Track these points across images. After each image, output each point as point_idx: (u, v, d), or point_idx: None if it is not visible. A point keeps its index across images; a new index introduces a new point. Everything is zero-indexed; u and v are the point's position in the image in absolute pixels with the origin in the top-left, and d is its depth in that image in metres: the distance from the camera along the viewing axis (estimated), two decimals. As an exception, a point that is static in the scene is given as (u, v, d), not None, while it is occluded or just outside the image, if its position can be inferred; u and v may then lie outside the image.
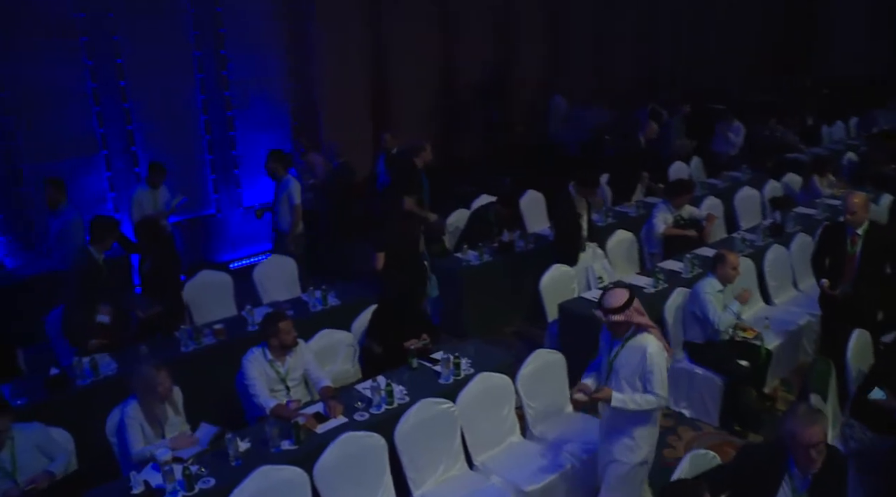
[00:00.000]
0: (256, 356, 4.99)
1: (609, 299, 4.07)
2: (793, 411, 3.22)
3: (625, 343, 4.12)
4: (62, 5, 7.64)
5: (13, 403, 4.98)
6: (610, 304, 4.04)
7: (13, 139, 7.59)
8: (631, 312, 4.05)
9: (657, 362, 4.04)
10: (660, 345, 4.11)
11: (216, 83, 8.84)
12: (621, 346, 4.13)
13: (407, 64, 10.28)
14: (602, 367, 4.28)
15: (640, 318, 4.10)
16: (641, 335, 4.09)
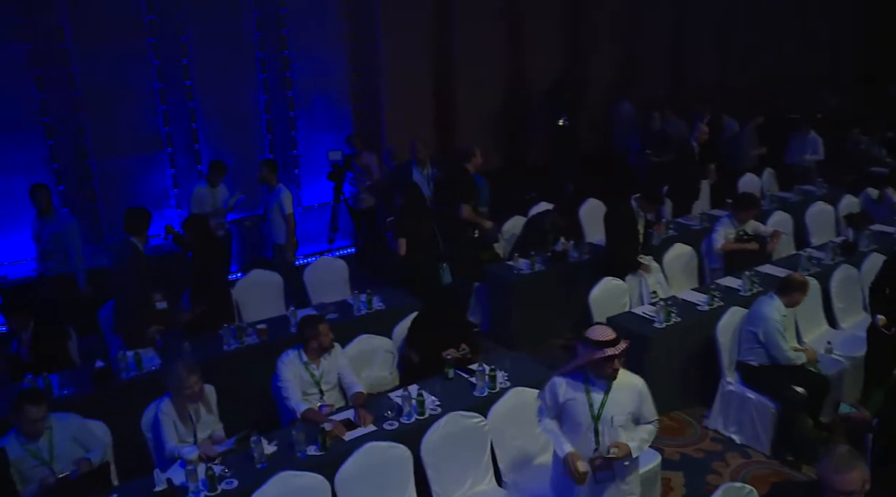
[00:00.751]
0: (292, 359, 5.00)
1: (597, 332, 3.70)
2: (830, 453, 2.98)
3: (609, 387, 3.75)
4: (134, 7, 7.89)
5: (60, 394, 5.16)
6: (604, 337, 3.66)
7: (83, 136, 7.86)
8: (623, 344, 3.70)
9: (648, 391, 3.86)
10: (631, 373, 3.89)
11: (279, 84, 8.96)
12: (606, 394, 3.76)
13: (472, 66, 10.17)
14: (579, 428, 3.79)
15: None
16: (622, 373, 3.77)
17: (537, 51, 10.75)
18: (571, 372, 3.81)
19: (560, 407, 3.84)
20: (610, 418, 3.79)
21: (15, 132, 7.51)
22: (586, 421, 3.78)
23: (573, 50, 11.20)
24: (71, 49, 7.62)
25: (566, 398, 3.81)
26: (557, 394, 3.83)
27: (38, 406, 4.19)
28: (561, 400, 3.82)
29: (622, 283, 6.55)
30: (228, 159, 8.66)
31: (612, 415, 3.78)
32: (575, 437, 3.81)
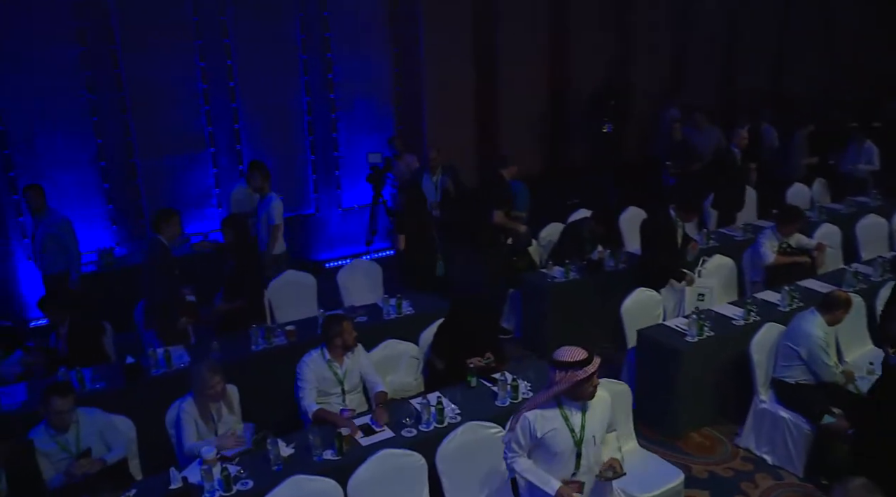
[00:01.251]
0: (314, 358, 5.03)
1: (567, 354, 3.57)
2: (844, 484, 2.84)
3: (584, 406, 3.65)
4: (180, 9, 8.04)
5: (92, 387, 5.28)
6: (578, 357, 3.54)
7: (129, 135, 8.05)
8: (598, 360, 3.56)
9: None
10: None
11: (321, 85, 9.03)
12: (584, 414, 3.65)
13: (516, 69, 10.11)
14: (559, 456, 3.65)
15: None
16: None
17: (583, 54, 10.62)
18: (544, 402, 3.66)
19: (537, 442, 3.67)
20: (592, 438, 3.69)
21: (65, 131, 7.74)
22: (568, 448, 3.65)
23: (620, 54, 11.03)
24: (120, 51, 7.81)
25: (545, 431, 3.64)
26: (534, 430, 3.65)
27: (65, 398, 4.29)
28: (539, 435, 3.64)
29: (655, 295, 6.40)
30: (270, 159, 8.78)
31: (594, 434, 3.69)
32: (554, 466, 3.68)
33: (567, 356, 3.54)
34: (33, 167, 7.67)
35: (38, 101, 7.52)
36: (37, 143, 7.63)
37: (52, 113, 7.61)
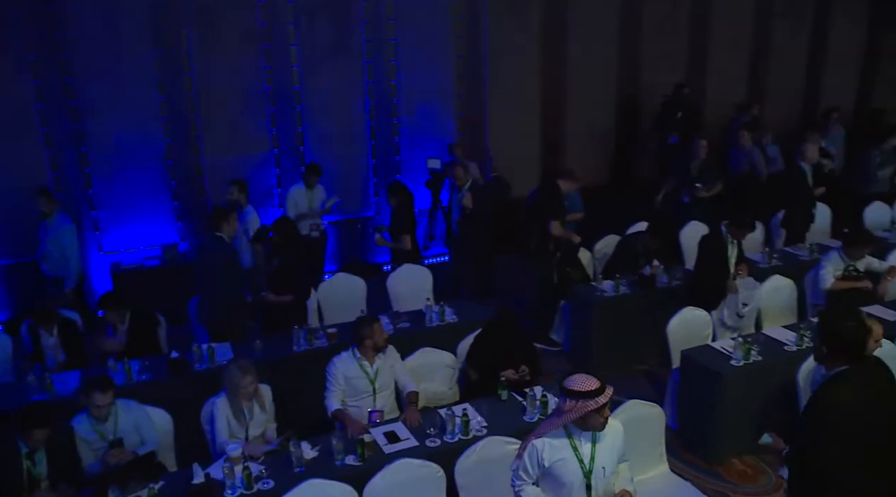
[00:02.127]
0: (344, 359, 5.11)
1: (579, 382, 3.43)
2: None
3: (594, 436, 3.54)
4: (250, 15, 8.28)
5: (139, 379, 5.50)
6: (590, 386, 3.40)
7: (196, 135, 8.34)
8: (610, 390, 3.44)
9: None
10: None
11: (385, 90, 9.14)
12: (594, 444, 3.53)
13: (585, 78, 9.99)
14: (569, 487, 3.53)
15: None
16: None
17: (654, 62, 10.39)
18: (553, 430, 3.55)
19: (545, 471, 3.56)
20: (602, 469, 3.56)
21: (137, 130, 8.08)
22: (577, 479, 3.52)
23: (696, 65, 10.74)
24: (191, 54, 8.10)
25: (553, 461, 3.53)
26: (541, 459, 3.54)
27: (105, 393, 4.49)
28: (547, 464, 3.53)
29: (704, 315, 6.19)
30: (331, 162, 8.99)
31: (604, 465, 3.56)
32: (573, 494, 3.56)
33: (579, 385, 3.42)
34: (107, 164, 8.05)
35: (113, 100, 7.89)
36: (111, 141, 8.00)
37: (125, 112, 7.96)
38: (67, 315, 6.18)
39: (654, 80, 10.18)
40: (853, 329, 3.35)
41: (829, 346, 3.38)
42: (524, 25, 9.52)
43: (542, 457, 3.54)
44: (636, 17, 10.21)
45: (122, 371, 5.47)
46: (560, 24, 9.76)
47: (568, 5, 9.72)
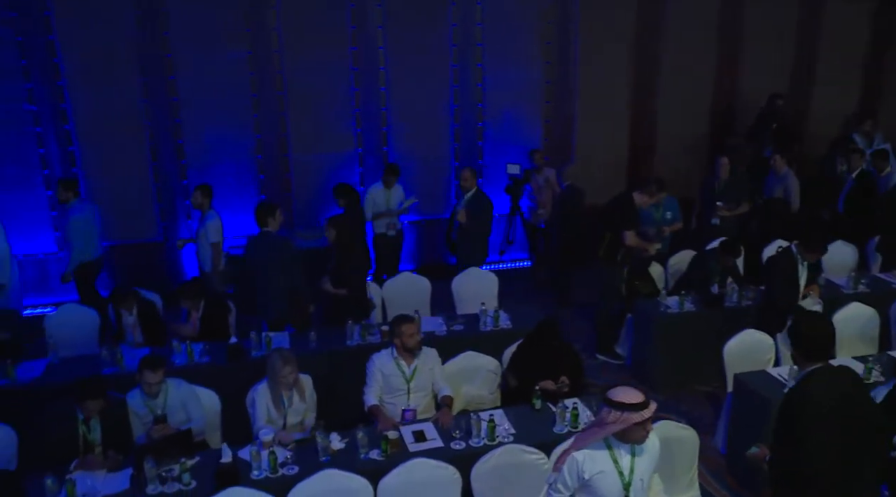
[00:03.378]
0: (382, 356, 5.24)
1: (624, 394, 3.38)
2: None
3: (633, 449, 3.49)
4: (339, 18, 8.59)
5: (200, 361, 5.86)
6: (636, 400, 3.35)
7: (284, 132, 8.74)
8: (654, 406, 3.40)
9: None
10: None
11: (470, 94, 9.23)
12: (633, 457, 3.49)
13: (678, 85, 9.70)
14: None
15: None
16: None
17: (757, 72, 9.94)
18: (594, 442, 3.50)
19: (584, 483, 3.50)
20: (640, 482, 3.52)
21: (230, 126, 8.55)
22: (616, 491, 3.48)
23: (800, 74, 10.21)
24: (282, 55, 8.49)
25: (593, 473, 3.47)
26: (582, 471, 3.48)
27: (155, 372, 4.82)
28: (587, 476, 3.47)
29: (766, 339, 5.90)
30: (414, 163, 9.18)
31: (642, 478, 3.52)
32: None
33: (624, 397, 3.36)
34: (201, 156, 8.57)
35: (208, 97, 8.38)
36: (205, 134, 8.51)
37: (219, 108, 8.45)
38: (147, 297, 6.62)
39: (754, 89, 9.74)
40: (821, 330, 3.56)
41: (798, 347, 3.56)
42: (616, 31, 9.37)
43: (582, 469, 3.49)
44: (738, 22, 9.81)
45: (185, 353, 5.85)
46: (654, 30, 9.53)
47: (663, 10, 9.47)
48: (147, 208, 8.53)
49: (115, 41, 8.02)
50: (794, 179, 8.52)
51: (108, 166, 8.30)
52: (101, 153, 8.27)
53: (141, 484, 4.27)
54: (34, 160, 8.16)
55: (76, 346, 6.33)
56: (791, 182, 8.49)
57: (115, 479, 4.36)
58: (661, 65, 9.65)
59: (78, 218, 7.37)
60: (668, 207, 7.86)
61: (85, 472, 4.39)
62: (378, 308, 7.16)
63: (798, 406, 3.44)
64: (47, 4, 7.84)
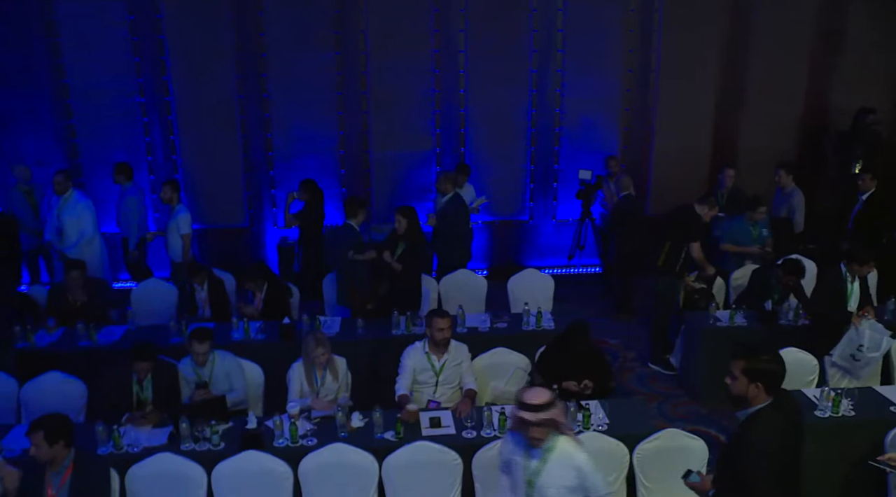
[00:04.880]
0: (415, 348, 5.51)
1: (532, 395, 3.54)
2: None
3: (546, 457, 3.60)
4: (424, 22, 8.93)
5: (256, 338, 6.35)
6: (537, 400, 3.51)
7: (366, 129, 9.18)
8: (559, 411, 3.53)
9: (592, 466, 3.64)
10: (577, 445, 3.67)
11: (548, 99, 9.35)
12: (542, 462, 3.61)
13: (765, 96, 9.39)
14: (519, 491, 3.71)
15: (564, 418, 3.60)
16: (559, 444, 3.59)
17: (855, 85, 9.50)
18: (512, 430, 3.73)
19: (505, 463, 3.82)
20: (545, 489, 3.63)
21: (315, 121, 9.08)
22: (521, 484, 3.68)
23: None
24: (368, 56, 8.94)
25: (508, 456, 3.77)
26: (504, 449, 3.82)
27: (202, 343, 5.32)
28: (504, 456, 3.81)
29: (810, 359, 5.75)
30: (491, 164, 9.43)
31: (547, 487, 3.62)
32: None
33: (525, 394, 3.58)
34: (287, 150, 9.16)
35: (296, 94, 8.94)
36: (292, 129, 9.08)
37: (306, 105, 8.99)
38: (218, 275, 7.21)
39: (849, 103, 9.31)
40: (781, 366, 3.47)
41: (757, 381, 3.39)
42: (702, 40, 9.21)
43: (504, 448, 3.82)
44: (837, 32, 9.41)
45: (242, 330, 6.36)
46: (743, 39, 9.30)
47: (751, 21, 9.23)
48: (236, 196, 9.18)
49: (215, 41, 8.72)
50: (800, 198, 8.20)
51: (204, 155, 9.03)
52: (197, 143, 9.02)
53: (177, 440, 4.75)
54: (141, 147, 9.01)
55: (155, 316, 6.99)
56: (797, 200, 8.18)
57: (158, 434, 4.87)
58: (748, 75, 9.40)
59: (133, 198, 8.13)
60: (763, 224, 7.70)
61: (133, 425, 4.92)
62: (434, 302, 7.47)
63: (760, 442, 3.36)
64: (159, 8, 8.62)
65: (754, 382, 3.38)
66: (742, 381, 3.41)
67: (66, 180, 7.76)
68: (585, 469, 3.63)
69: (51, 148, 8.94)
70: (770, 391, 3.40)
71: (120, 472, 4.44)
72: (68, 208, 7.71)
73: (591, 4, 9.07)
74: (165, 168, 9.12)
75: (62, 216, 7.71)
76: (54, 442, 3.98)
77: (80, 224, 7.72)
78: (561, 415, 3.63)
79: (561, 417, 3.61)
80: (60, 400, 5.29)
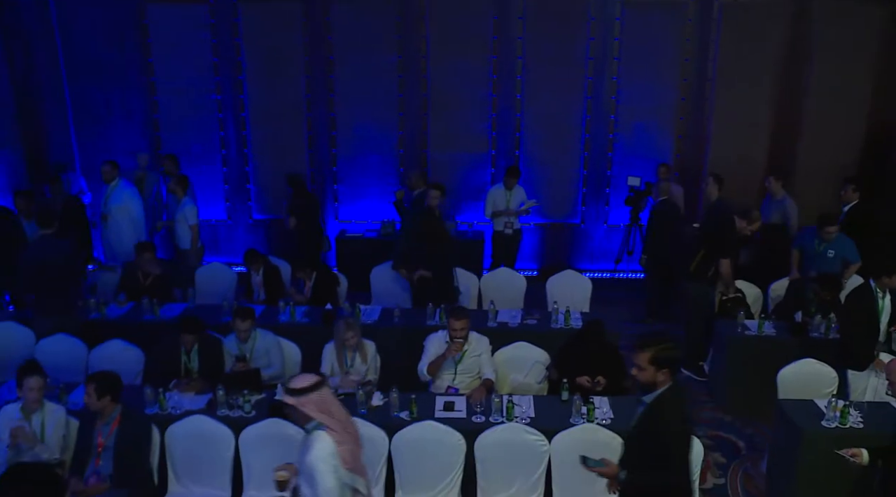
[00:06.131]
0: (439, 335, 5.89)
1: (295, 380, 3.63)
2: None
3: (305, 439, 3.68)
4: (484, 28, 9.28)
5: (301, 321, 6.85)
6: (291, 385, 3.59)
7: (425, 130, 9.61)
8: (307, 401, 3.53)
9: (319, 467, 3.52)
10: (330, 447, 3.56)
11: (603, 106, 9.54)
12: (303, 443, 3.69)
13: (826, 108, 9.29)
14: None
15: (315, 412, 3.55)
16: (319, 432, 3.59)
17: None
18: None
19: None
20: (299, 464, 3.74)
21: (376, 121, 9.58)
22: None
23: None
24: (428, 61, 9.36)
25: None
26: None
27: (244, 321, 5.84)
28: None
29: (828, 372, 5.79)
30: (543, 168, 9.71)
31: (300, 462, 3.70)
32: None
33: (294, 378, 3.69)
34: (350, 147, 9.69)
35: (360, 94, 9.47)
36: (355, 128, 9.61)
37: (369, 105, 9.50)
38: (274, 262, 7.77)
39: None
40: (677, 352, 3.84)
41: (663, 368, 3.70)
42: (760, 49, 9.20)
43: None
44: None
45: (288, 313, 6.88)
46: (803, 50, 9.22)
47: (813, 29, 9.14)
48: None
49: (286, 43, 9.35)
50: (792, 204, 8.15)
51: (272, 150, 9.68)
52: (267, 138, 9.68)
53: (214, 406, 5.28)
54: (215, 141, 9.72)
55: (214, 297, 7.59)
56: (789, 207, 8.15)
57: (198, 400, 5.41)
58: (809, 86, 9.31)
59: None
60: (832, 246, 7.30)
61: (179, 391, 5.49)
62: (474, 297, 7.82)
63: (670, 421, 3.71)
64: (237, 12, 9.30)
65: (661, 369, 3.69)
66: (649, 370, 3.70)
67: (113, 170, 8.48)
68: (313, 459, 3.57)
69: (138, 139, 9.76)
70: (672, 374, 3.76)
71: (161, 430, 4.99)
72: (115, 196, 8.44)
73: (648, 13, 9.22)
74: (237, 161, 9.79)
75: (109, 203, 8.46)
76: (102, 395, 4.55)
77: (127, 211, 8.44)
78: (313, 407, 3.56)
79: (311, 409, 3.55)
80: (121, 365, 5.81)
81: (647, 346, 3.68)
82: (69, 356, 6.10)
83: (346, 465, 3.63)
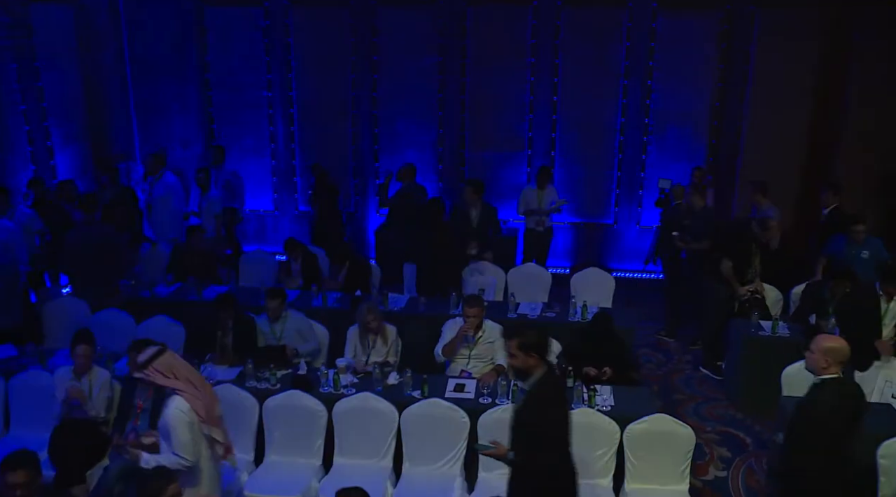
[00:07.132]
0: (456, 321, 6.26)
1: (139, 356, 4.13)
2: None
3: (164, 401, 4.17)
4: (522, 32, 9.61)
5: (332, 306, 7.31)
6: (136, 360, 4.12)
7: (463, 130, 9.99)
8: (152, 371, 4.07)
9: (173, 424, 4.06)
10: (184, 406, 4.08)
11: (637, 109, 9.74)
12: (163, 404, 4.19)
13: (868, 114, 9.24)
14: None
15: (162, 379, 4.06)
16: (173, 396, 4.12)
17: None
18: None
19: None
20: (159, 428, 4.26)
21: (418, 120, 10.03)
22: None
23: None
24: (468, 63, 9.74)
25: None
26: None
27: (273, 300, 6.31)
28: None
29: (832, 371, 5.92)
30: (579, 169, 9.98)
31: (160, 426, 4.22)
32: None
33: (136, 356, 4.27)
34: (391, 144, 10.13)
35: (402, 94, 9.92)
36: (396, 125, 10.05)
37: (410, 104, 9.95)
38: (313, 251, 8.24)
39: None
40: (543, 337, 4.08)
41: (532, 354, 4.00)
42: (798, 56, 9.23)
43: None
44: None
45: (320, 298, 7.34)
46: (841, 57, 9.23)
47: (855, 37, 9.16)
48: (344, 183, 10.21)
49: (334, 43, 9.86)
50: (777, 214, 8.11)
51: (318, 145, 10.22)
52: (314, 134, 10.23)
53: (243, 377, 5.75)
54: (265, 135, 10.29)
55: (256, 280, 8.10)
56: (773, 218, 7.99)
57: (230, 372, 5.90)
58: (849, 92, 9.30)
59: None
60: (866, 247, 7.35)
61: (213, 363, 5.99)
62: (500, 291, 8.14)
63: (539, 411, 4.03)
64: (289, 14, 9.84)
65: (529, 354, 3.96)
66: (520, 356, 4.00)
67: (157, 161, 9.05)
68: (168, 416, 4.13)
69: (193, 131, 10.40)
70: (543, 359, 4.03)
71: (194, 397, 5.49)
72: (158, 187, 9.02)
73: (684, 19, 9.40)
74: (285, 155, 10.34)
75: (154, 194, 9.05)
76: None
77: (167, 202, 9.01)
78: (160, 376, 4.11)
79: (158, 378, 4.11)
80: (164, 339, 6.23)
81: (515, 335, 4.03)
82: (119, 329, 6.67)
83: (200, 418, 4.18)
